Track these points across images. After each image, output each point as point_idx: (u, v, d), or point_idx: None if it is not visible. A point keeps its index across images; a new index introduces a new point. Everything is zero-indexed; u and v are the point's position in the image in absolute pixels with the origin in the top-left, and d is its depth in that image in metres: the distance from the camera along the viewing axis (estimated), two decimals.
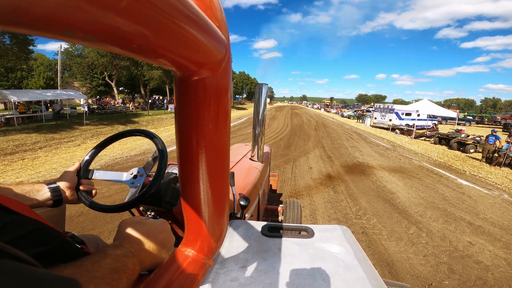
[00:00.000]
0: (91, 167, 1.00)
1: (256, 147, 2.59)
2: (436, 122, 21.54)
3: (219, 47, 0.40)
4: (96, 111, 22.80)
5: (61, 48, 22.83)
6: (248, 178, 2.09)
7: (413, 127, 18.00)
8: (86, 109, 18.53)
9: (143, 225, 0.59)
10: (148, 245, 0.56)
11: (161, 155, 0.94)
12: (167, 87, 38.78)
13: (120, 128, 16.71)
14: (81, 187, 0.91)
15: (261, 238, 0.96)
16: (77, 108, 23.39)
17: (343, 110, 49.67)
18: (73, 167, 0.95)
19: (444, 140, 14.68)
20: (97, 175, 0.99)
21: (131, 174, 1.00)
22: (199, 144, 0.48)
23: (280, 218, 3.14)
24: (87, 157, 0.99)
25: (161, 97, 42.35)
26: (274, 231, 1.04)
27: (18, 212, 0.51)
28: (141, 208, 1.17)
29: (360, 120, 29.28)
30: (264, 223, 1.08)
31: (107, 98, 31.18)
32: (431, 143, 15.46)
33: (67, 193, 0.87)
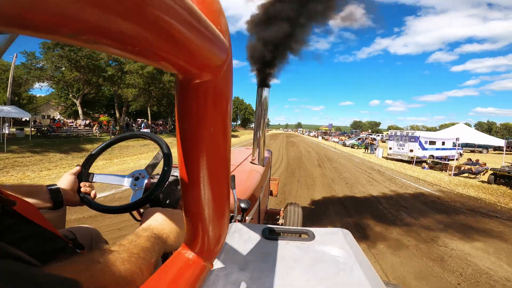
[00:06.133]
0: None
1: (257, 150, 2.63)
2: (461, 152, 18.21)
3: (221, 51, 0.41)
4: (46, 133, 18.40)
5: (16, 57, 18.95)
6: (249, 181, 2.10)
7: (446, 160, 14.32)
8: (7, 131, 14.02)
9: (164, 213, 0.70)
10: (170, 229, 0.65)
11: (167, 158, 0.96)
12: (148, 110, 34.89)
13: (57, 156, 12.37)
14: (82, 190, 0.91)
15: (261, 241, 0.95)
16: (26, 129, 19.09)
17: (344, 138, 45.86)
18: (74, 170, 0.95)
19: (502, 178, 10.75)
20: (98, 178, 1.00)
21: (133, 176, 1.01)
22: (199, 147, 0.48)
23: (281, 221, 3.16)
24: (87, 160, 1.00)
25: (145, 120, 38.32)
26: (274, 234, 1.01)
27: (21, 214, 0.53)
28: (141, 210, 1.16)
29: (368, 151, 25.12)
30: (265, 226, 1.06)
31: (75, 120, 26.97)
32: (480, 181, 11.64)
33: (68, 195, 0.88)
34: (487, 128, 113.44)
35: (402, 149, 17.81)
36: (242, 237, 0.96)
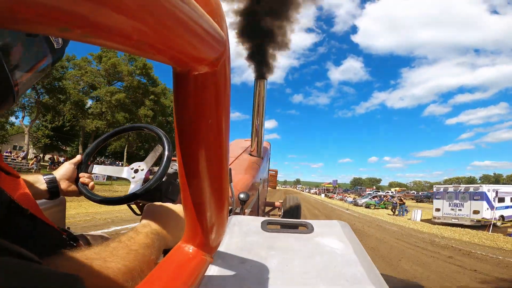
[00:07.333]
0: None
1: (256, 141, 2.78)
2: None
3: (218, 43, 0.41)
4: None
5: None
6: (248, 173, 2.21)
7: None
8: None
9: (165, 208, 0.70)
10: (170, 225, 0.66)
11: (166, 151, 0.97)
12: (125, 151, 30.10)
13: None
14: (80, 180, 0.93)
15: (260, 233, 0.96)
16: None
17: (354, 195, 39.96)
18: (74, 160, 0.97)
19: None
20: (97, 169, 1.03)
21: (132, 169, 1.02)
22: (198, 139, 0.49)
23: (279, 213, 3.65)
24: (88, 151, 1.03)
25: (118, 162, 33.29)
26: (273, 226, 1.03)
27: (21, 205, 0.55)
28: (140, 204, 1.17)
29: (395, 212, 19.36)
30: (264, 218, 1.08)
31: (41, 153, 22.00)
32: None
33: (65, 184, 0.89)
34: (494, 180, 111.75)
35: (460, 210, 12.90)
36: (241, 230, 0.98)
